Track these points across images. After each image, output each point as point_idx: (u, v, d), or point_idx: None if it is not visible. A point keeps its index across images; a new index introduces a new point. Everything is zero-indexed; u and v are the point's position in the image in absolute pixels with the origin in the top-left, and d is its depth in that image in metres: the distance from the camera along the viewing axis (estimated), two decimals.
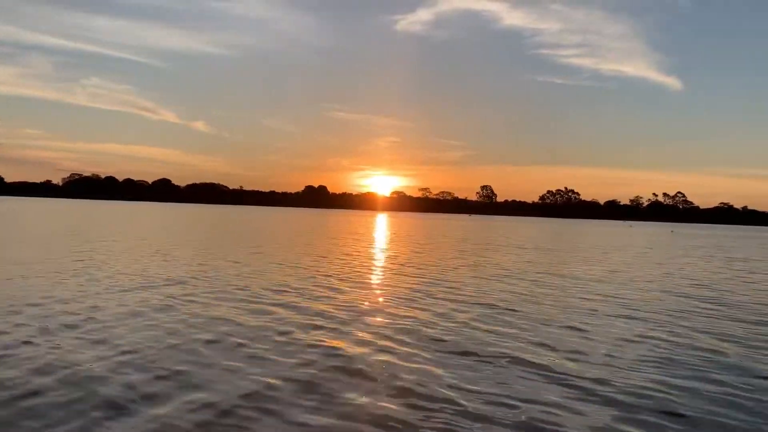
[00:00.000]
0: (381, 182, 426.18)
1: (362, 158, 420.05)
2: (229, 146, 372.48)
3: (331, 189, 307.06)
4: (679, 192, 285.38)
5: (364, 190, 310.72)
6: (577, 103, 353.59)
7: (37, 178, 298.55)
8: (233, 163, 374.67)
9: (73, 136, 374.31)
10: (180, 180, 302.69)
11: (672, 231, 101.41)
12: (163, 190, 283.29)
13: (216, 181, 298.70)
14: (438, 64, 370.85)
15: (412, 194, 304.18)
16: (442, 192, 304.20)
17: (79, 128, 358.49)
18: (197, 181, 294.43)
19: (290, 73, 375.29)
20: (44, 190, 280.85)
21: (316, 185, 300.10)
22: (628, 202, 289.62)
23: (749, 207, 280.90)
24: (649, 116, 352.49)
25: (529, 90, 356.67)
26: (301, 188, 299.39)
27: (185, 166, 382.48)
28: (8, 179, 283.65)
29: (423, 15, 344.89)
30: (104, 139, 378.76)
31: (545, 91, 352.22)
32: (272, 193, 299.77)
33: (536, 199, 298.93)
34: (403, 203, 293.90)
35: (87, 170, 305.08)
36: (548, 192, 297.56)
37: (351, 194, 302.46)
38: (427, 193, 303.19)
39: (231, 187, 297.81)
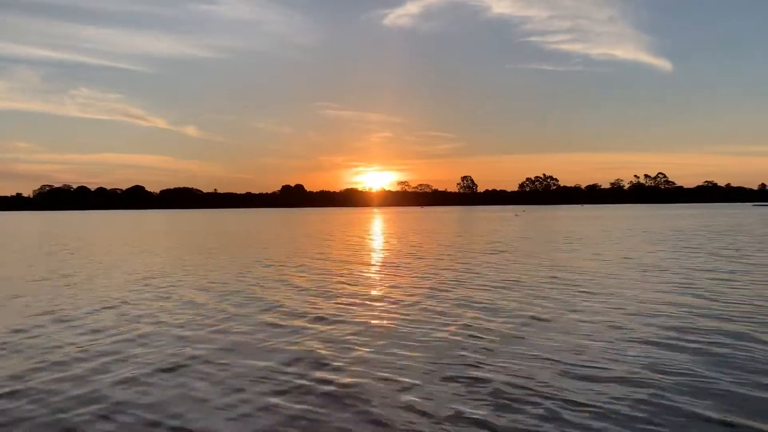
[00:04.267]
0: (375, 178, 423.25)
1: (355, 155, 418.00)
2: (221, 150, 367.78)
3: (324, 188, 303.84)
4: (660, 173, 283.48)
5: (359, 186, 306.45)
6: (567, 90, 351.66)
7: (15, 191, 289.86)
8: (226, 167, 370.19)
9: (64, 148, 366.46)
10: (160, 186, 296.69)
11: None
12: (135, 198, 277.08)
13: (196, 187, 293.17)
14: (427, 56, 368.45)
15: (391, 189, 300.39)
16: (421, 185, 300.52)
17: (70, 139, 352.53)
18: (171, 187, 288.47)
19: (280, 74, 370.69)
20: (14, 203, 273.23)
21: (302, 184, 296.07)
22: (609, 186, 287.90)
23: (732, 184, 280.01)
24: (637, 99, 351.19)
25: (518, 78, 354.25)
26: (279, 188, 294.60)
27: (177, 173, 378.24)
28: None
29: (411, 8, 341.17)
30: (96, 149, 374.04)
31: (535, 79, 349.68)
32: (248, 194, 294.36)
33: (516, 188, 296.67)
34: (381, 198, 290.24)
35: (82, 181, 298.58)
36: (527, 179, 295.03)
37: (329, 192, 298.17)
38: (406, 187, 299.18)
39: (205, 191, 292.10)
